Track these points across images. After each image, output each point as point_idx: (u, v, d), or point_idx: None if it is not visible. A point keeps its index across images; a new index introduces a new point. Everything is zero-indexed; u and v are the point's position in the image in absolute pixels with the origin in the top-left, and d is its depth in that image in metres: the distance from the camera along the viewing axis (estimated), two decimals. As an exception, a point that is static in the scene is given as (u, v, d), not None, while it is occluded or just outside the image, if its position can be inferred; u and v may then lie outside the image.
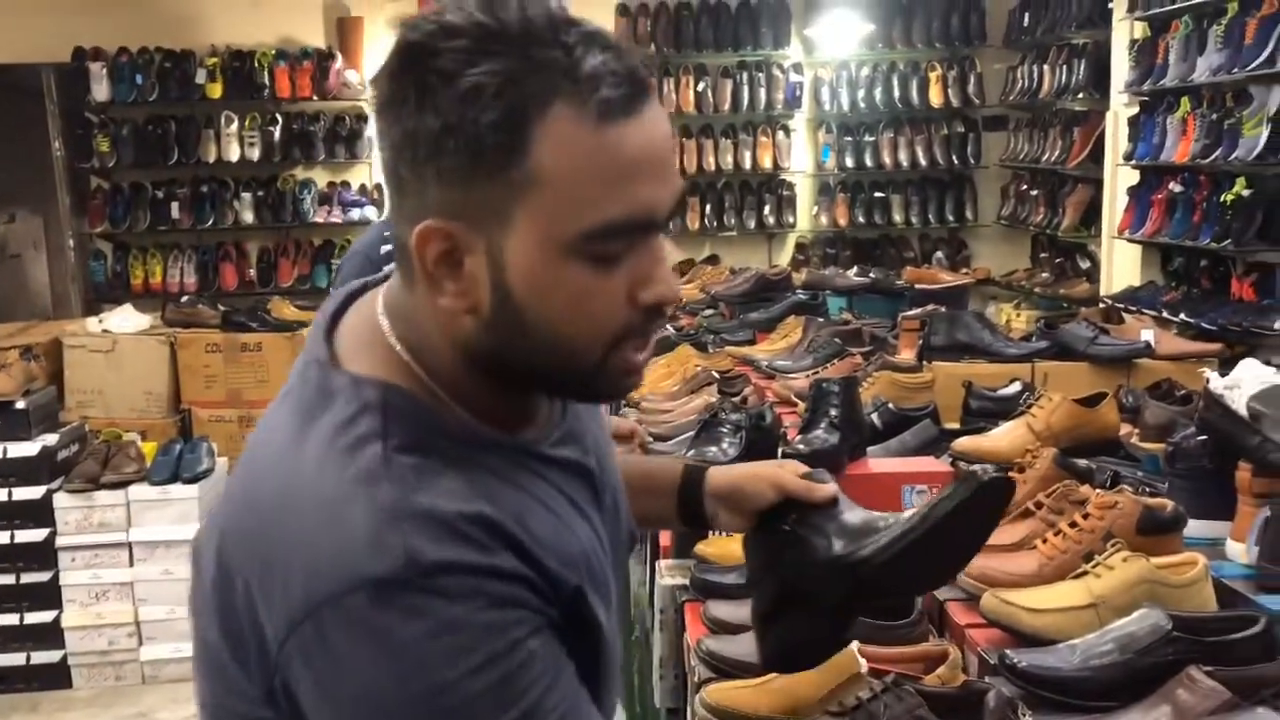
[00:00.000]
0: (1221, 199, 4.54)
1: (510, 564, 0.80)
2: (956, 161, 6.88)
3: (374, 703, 0.77)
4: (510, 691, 0.78)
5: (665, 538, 2.20)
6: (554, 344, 0.83)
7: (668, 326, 4.30)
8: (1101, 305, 4.71)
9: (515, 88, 0.77)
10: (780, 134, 6.87)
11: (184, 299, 6.02)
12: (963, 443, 2.16)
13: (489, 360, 0.85)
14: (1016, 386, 2.76)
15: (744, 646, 1.60)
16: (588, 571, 0.88)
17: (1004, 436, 2.16)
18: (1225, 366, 2.49)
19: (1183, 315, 4.45)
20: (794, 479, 1.17)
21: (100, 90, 6.44)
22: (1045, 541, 1.70)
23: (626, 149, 0.79)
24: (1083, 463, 1.97)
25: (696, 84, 6.75)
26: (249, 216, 6.61)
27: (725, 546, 1.96)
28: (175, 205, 6.58)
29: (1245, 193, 4.42)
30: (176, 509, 4.02)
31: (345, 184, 6.75)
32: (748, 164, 6.83)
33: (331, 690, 0.78)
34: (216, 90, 6.48)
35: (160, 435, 4.78)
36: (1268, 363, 1.89)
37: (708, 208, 6.89)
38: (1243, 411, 1.70)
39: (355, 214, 6.63)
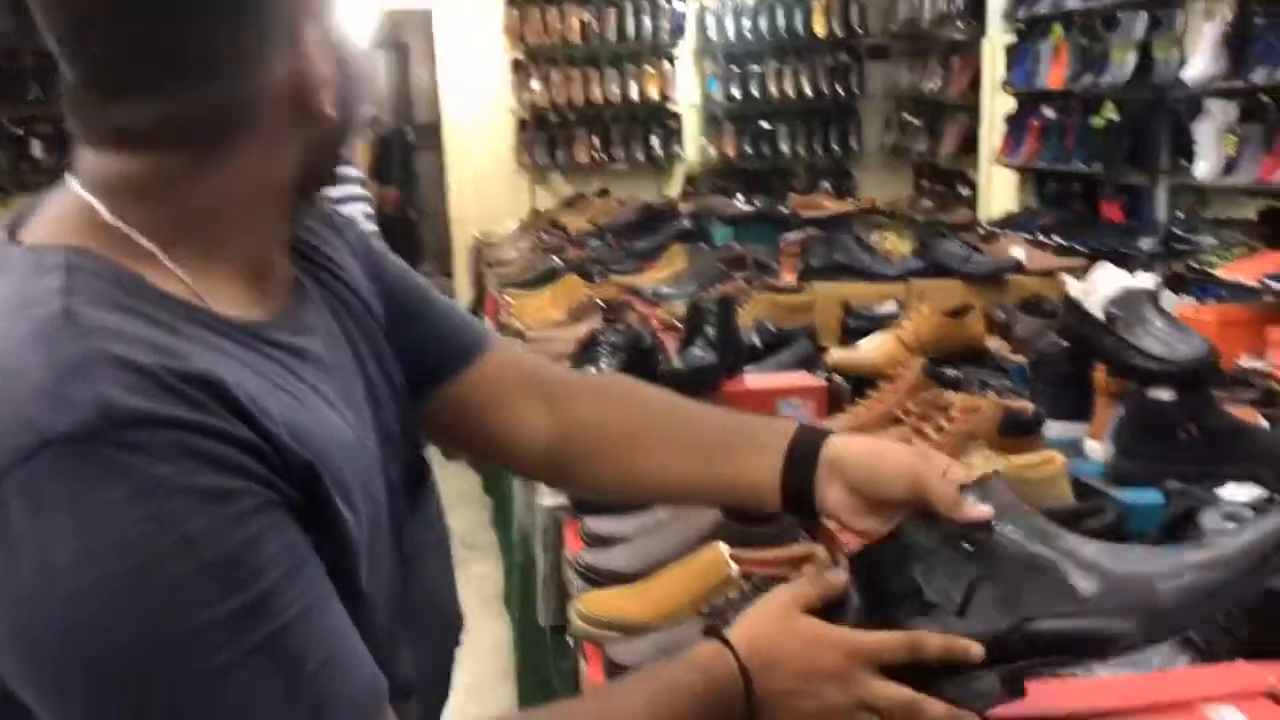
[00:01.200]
0: (1091, 124, 4.67)
1: (230, 425, 0.68)
2: (841, 92, 6.93)
3: (64, 586, 0.63)
4: (235, 573, 0.66)
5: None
6: None
7: (554, 258, 4.27)
8: (980, 231, 4.82)
9: None
10: (666, 64, 6.83)
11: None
12: (836, 355, 2.20)
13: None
14: (893, 305, 2.82)
15: (618, 557, 1.61)
16: (333, 463, 0.75)
17: (876, 349, 2.20)
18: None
19: (1056, 238, 4.58)
20: (941, 484, 0.92)
21: (-51, 22, 6.08)
22: (911, 445, 1.74)
23: None
24: (950, 372, 2.03)
25: (581, 13, 6.66)
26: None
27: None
28: (37, 143, 6.28)
29: (1114, 118, 4.55)
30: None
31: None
32: (635, 95, 6.78)
33: (11, 577, 0.64)
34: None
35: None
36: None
37: (595, 140, 6.84)
38: (1099, 315, 1.75)
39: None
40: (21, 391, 0.65)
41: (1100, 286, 1.78)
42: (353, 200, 2.69)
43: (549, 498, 2.00)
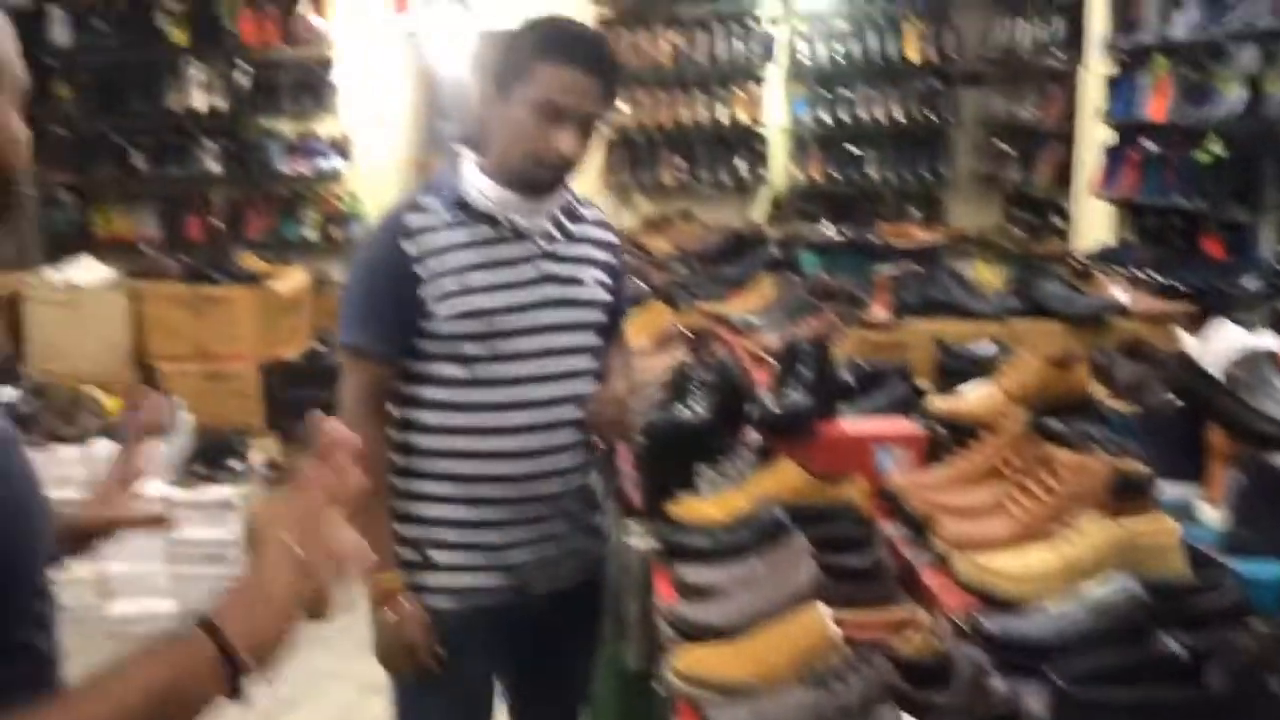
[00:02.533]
0: (1194, 158, 4.53)
1: None
2: (933, 118, 6.83)
3: None
4: None
5: (635, 496, 2.18)
6: None
7: (639, 283, 4.25)
8: (1073, 263, 4.70)
9: None
10: (754, 88, 6.79)
11: (147, 250, 5.92)
12: (936, 404, 2.15)
13: None
14: (990, 345, 2.75)
15: (713, 611, 1.58)
16: None
17: (977, 398, 2.14)
18: (1195, 325, 2.48)
19: (1153, 274, 4.45)
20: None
21: (60, 35, 6.27)
22: (1016, 503, 1.69)
23: None
24: (1054, 424, 1.96)
25: (672, 36, 6.65)
26: (214, 166, 6.48)
27: (696, 507, 1.94)
28: (138, 154, 6.45)
29: (1220, 152, 4.41)
30: (140, 464, 3.96)
31: (313, 134, 6.61)
32: (722, 117, 6.76)
33: None
34: (181, 37, 6.33)
35: (124, 389, 4.70)
36: (1239, 324, 1.87)
37: (681, 162, 6.82)
38: (1217, 374, 1.68)
39: (323, 164, 6.47)
40: None
41: (1217, 345, 1.71)
42: None
43: (636, 540, 1.97)
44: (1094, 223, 5.47)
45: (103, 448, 3.97)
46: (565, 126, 1.82)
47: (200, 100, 6.38)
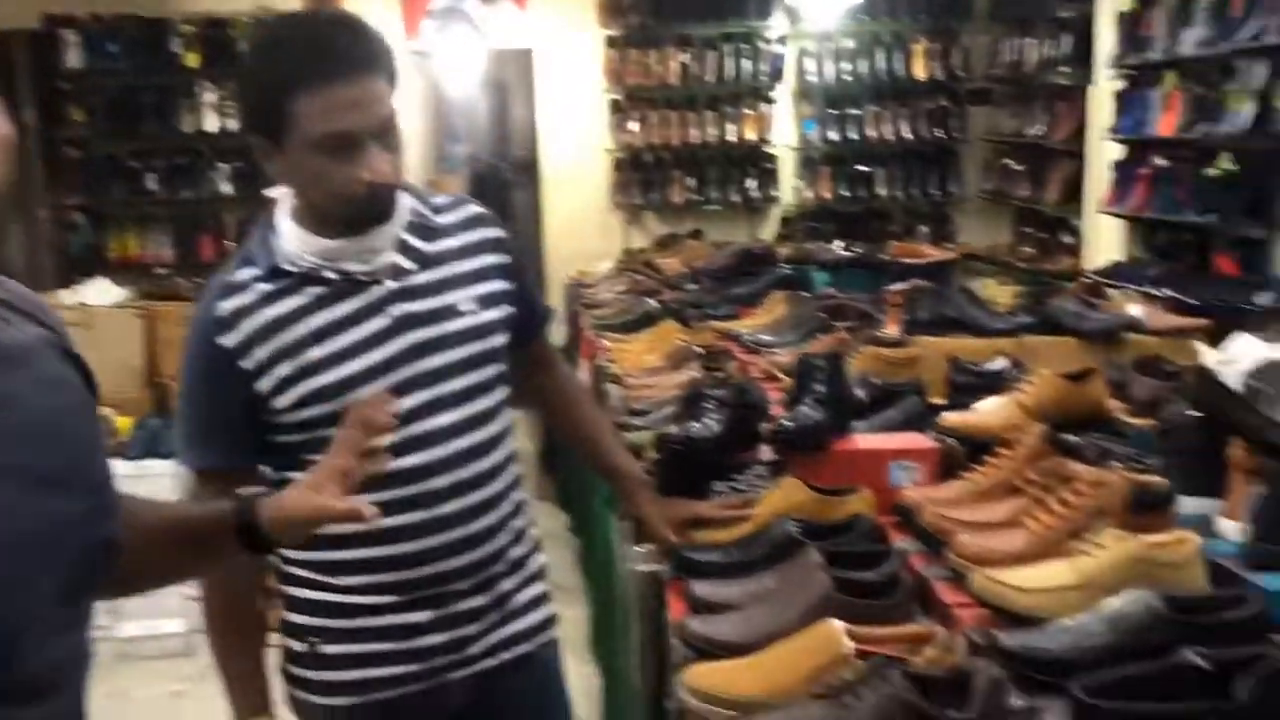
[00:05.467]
0: (1206, 174, 4.52)
1: None
2: (941, 135, 6.84)
3: None
4: None
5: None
6: None
7: (649, 300, 4.24)
8: (1083, 280, 4.68)
9: None
10: (764, 106, 6.81)
11: (160, 271, 5.95)
12: (951, 418, 2.13)
13: None
14: (1003, 362, 2.73)
15: (726, 626, 1.57)
16: None
17: (993, 413, 2.12)
18: (1211, 341, 2.46)
19: (1166, 290, 4.43)
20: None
21: (73, 58, 6.32)
22: (1034, 518, 1.67)
23: None
24: (1072, 439, 1.95)
25: (682, 56, 6.68)
26: (227, 188, 6.52)
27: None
28: (151, 176, 6.49)
29: (1231, 168, 4.40)
30: (152, 485, 3.96)
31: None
32: (732, 137, 6.77)
33: None
34: (194, 59, 6.37)
35: (136, 410, 4.70)
36: (1261, 338, 1.86)
37: (690, 181, 6.84)
38: (1238, 388, 1.66)
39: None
40: None
41: (1238, 358, 1.70)
42: None
43: (643, 563, 1.95)
44: (1104, 239, 5.46)
45: (116, 468, 3.96)
46: (361, 149, 1.49)
47: (213, 122, 6.42)
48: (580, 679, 3.33)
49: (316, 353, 1.55)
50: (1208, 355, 1.74)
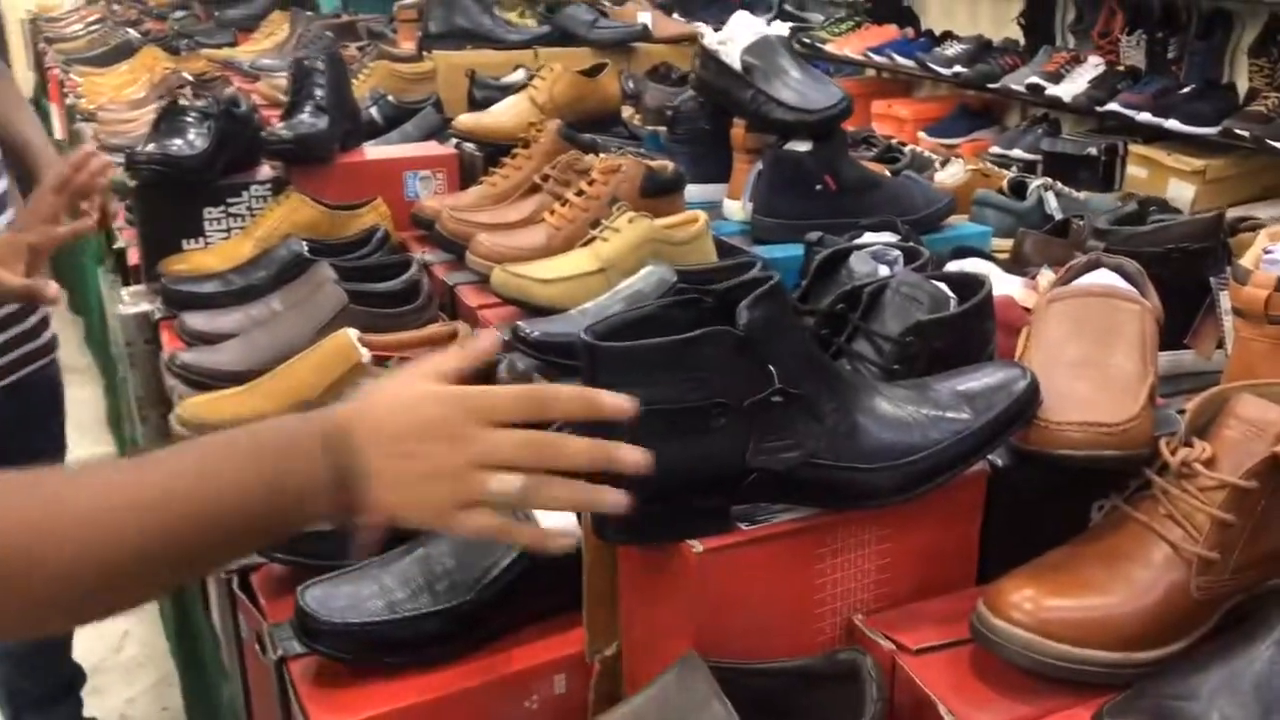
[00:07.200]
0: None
1: None
2: None
3: None
4: None
5: (133, 256, 1.89)
6: None
7: (130, 31, 3.71)
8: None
9: None
10: None
11: None
12: (464, 120, 2.00)
13: None
14: (522, 73, 2.63)
15: (227, 354, 1.39)
16: None
17: (506, 111, 2.02)
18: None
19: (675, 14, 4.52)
20: None
21: None
22: (553, 213, 1.62)
23: None
24: (587, 136, 1.90)
25: None
26: None
27: (197, 260, 1.71)
28: None
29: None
30: None
31: None
32: None
33: None
34: None
35: None
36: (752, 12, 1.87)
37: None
38: (736, 65, 1.67)
39: None
40: None
41: (737, 35, 1.70)
42: None
43: (130, 305, 1.70)
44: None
45: None
46: None
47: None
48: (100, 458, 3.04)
49: None
50: (709, 36, 1.73)
